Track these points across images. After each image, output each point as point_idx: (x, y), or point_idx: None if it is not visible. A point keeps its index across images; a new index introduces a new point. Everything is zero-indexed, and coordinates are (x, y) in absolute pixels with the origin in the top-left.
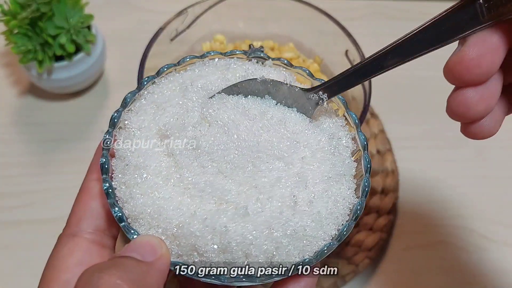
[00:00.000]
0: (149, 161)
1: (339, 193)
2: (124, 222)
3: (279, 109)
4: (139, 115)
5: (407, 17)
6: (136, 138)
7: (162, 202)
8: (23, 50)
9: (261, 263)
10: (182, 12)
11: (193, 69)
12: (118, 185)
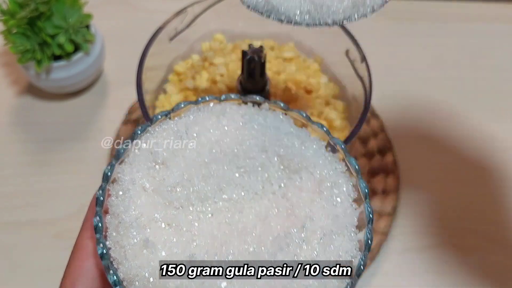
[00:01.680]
0: (144, 219)
1: (341, 247)
2: (119, 286)
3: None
4: (133, 167)
5: (408, 17)
6: (130, 193)
7: (158, 264)
8: (22, 50)
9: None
10: (182, 11)
11: (187, 115)
12: (112, 244)
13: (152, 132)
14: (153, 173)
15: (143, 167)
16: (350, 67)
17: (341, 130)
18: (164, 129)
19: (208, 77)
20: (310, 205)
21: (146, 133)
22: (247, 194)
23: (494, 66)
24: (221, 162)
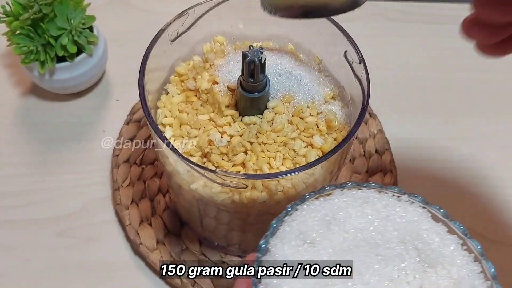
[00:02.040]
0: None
1: None
2: None
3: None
4: (284, 243)
5: (406, 19)
6: (280, 268)
7: None
8: (25, 51)
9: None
10: (183, 13)
11: (332, 198)
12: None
13: (301, 211)
14: (302, 252)
15: (293, 244)
16: (348, 68)
17: (339, 130)
18: (312, 210)
19: (209, 78)
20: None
21: (296, 211)
22: (383, 280)
23: (492, 67)
24: (362, 249)
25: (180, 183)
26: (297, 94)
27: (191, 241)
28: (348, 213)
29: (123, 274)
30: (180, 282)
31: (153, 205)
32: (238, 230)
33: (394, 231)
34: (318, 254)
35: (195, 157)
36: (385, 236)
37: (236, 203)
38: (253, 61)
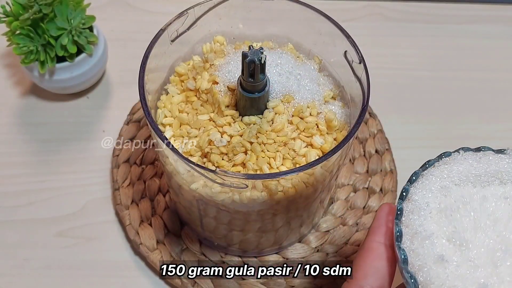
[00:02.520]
0: (435, 235)
1: None
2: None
3: None
4: (426, 190)
5: (406, 18)
6: (424, 211)
7: (455, 281)
8: (25, 51)
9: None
10: (183, 13)
11: (487, 157)
12: (407, 251)
13: (449, 163)
14: (441, 198)
15: (434, 192)
16: (348, 68)
17: (339, 130)
18: (461, 162)
19: (209, 78)
20: None
21: (443, 163)
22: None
23: (493, 67)
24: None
25: (180, 183)
26: (297, 94)
27: (191, 241)
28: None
29: (123, 274)
30: (180, 282)
31: (153, 205)
32: (238, 230)
33: None
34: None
35: (195, 157)
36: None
37: (236, 203)
38: (253, 61)
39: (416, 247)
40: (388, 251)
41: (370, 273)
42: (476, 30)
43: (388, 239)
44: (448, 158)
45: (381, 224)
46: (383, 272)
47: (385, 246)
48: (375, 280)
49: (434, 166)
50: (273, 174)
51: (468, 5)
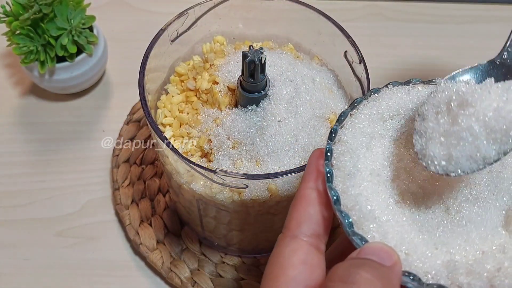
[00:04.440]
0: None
1: None
2: (351, 229)
3: None
4: (352, 130)
5: (405, 18)
6: (356, 152)
7: (386, 222)
8: (25, 51)
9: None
10: (183, 13)
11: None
12: (340, 193)
13: (378, 99)
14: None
15: (364, 132)
16: (348, 68)
17: None
18: (390, 96)
19: (209, 78)
20: None
21: (372, 99)
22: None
23: None
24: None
25: (180, 183)
26: (297, 94)
27: (191, 241)
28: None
29: (123, 274)
30: (180, 282)
31: (153, 205)
32: (238, 230)
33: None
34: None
35: (195, 157)
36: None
37: (236, 203)
38: (253, 61)
39: (347, 188)
40: (322, 196)
41: (303, 221)
42: (476, 30)
43: (321, 184)
44: (377, 94)
45: (313, 169)
46: (317, 218)
47: (317, 192)
48: (309, 227)
49: (362, 104)
50: (273, 174)
51: (468, 5)
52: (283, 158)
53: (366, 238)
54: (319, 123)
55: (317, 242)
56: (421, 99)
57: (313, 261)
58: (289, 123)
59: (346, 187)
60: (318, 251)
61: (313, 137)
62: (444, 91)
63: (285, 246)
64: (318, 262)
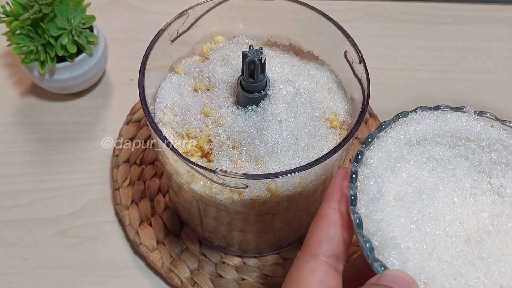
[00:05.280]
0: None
1: None
2: (371, 253)
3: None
4: (381, 155)
5: (406, 19)
6: (381, 176)
7: (407, 250)
8: (25, 51)
9: None
10: (183, 13)
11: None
12: (363, 217)
13: (406, 123)
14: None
15: (391, 157)
16: (348, 68)
17: (339, 130)
18: (418, 122)
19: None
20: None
21: (400, 123)
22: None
23: (492, 67)
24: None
25: (180, 184)
26: (298, 94)
27: (191, 241)
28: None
29: (123, 274)
30: (180, 282)
31: (153, 205)
32: (238, 231)
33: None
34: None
35: (195, 157)
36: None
37: (236, 203)
38: (253, 61)
39: (371, 212)
40: (344, 217)
41: (324, 240)
42: (476, 30)
43: (343, 205)
44: (405, 118)
45: (336, 189)
46: (338, 239)
47: (339, 213)
48: (329, 247)
49: (390, 127)
50: (273, 174)
51: (468, 5)
52: (283, 158)
53: (386, 265)
54: (320, 123)
55: (335, 263)
56: (448, 126)
57: (330, 282)
58: (289, 123)
59: (369, 211)
60: (336, 272)
61: (313, 138)
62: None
63: (304, 264)
64: (336, 283)
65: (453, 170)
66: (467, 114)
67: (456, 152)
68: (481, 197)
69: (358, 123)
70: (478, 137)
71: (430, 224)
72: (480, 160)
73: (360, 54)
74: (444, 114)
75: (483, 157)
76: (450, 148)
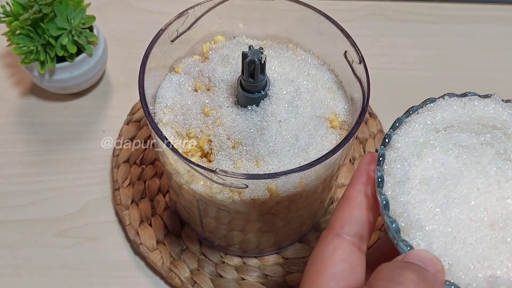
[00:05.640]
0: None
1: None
2: (397, 234)
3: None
4: (407, 137)
5: (406, 19)
6: (408, 160)
7: (432, 232)
8: (25, 51)
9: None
10: (183, 13)
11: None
12: (389, 199)
13: (433, 109)
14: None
15: (417, 141)
16: (348, 68)
17: (339, 130)
18: (446, 108)
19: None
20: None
21: (427, 109)
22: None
23: (492, 67)
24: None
25: (180, 183)
26: (298, 94)
27: (191, 241)
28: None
29: (123, 274)
30: (180, 282)
31: (153, 205)
32: (238, 230)
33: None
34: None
35: (195, 157)
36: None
37: (236, 203)
38: (253, 61)
39: (397, 195)
40: (369, 199)
41: (348, 222)
42: (476, 30)
43: (369, 188)
44: (433, 104)
45: (362, 173)
46: (362, 220)
47: (365, 195)
48: (353, 228)
49: (418, 113)
50: (273, 174)
51: (468, 5)
52: (283, 158)
53: (412, 245)
54: (320, 123)
55: (359, 242)
56: (475, 114)
57: (354, 260)
58: (289, 123)
59: (395, 194)
60: (360, 251)
61: (313, 137)
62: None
63: (328, 243)
64: (359, 261)
65: (478, 157)
66: (495, 101)
67: (482, 140)
68: (505, 184)
69: (358, 123)
70: (505, 125)
71: (454, 209)
72: (505, 148)
73: (360, 54)
74: (471, 101)
75: (508, 145)
76: (476, 136)
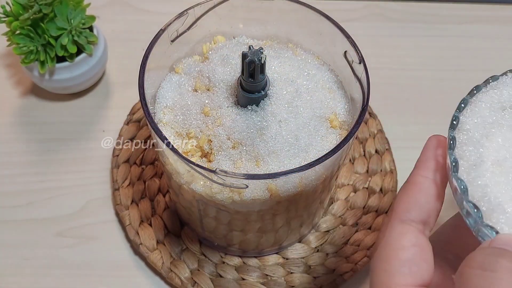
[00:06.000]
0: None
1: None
2: (482, 219)
3: None
4: (473, 118)
5: (405, 19)
6: (479, 141)
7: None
8: (25, 51)
9: None
10: (183, 13)
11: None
12: (467, 184)
13: (498, 87)
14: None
15: (485, 121)
16: (348, 68)
17: (339, 130)
18: (511, 85)
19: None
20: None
21: (491, 87)
22: None
23: (492, 67)
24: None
25: (180, 184)
26: (298, 94)
27: (191, 241)
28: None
29: (123, 274)
30: (180, 282)
31: (153, 205)
32: (238, 230)
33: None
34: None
35: (195, 157)
36: None
37: (236, 203)
38: (253, 61)
39: (473, 178)
40: (437, 186)
41: (413, 207)
42: (476, 30)
43: (438, 174)
44: (496, 82)
45: (428, 157)
46: (427, 207)
47: (432, 181)
48: (418, 214)
49: (482, 92)
50: (273, 174)
51: (468, 5)
52: (283, 158)
53: (497, 230)
54: (320, 123)
55: (423, 228)
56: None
57: (422, 245)
58: (289, 123)
59: (471, 178)
60: (424, 236)
61: (313, 137)
62: None
63: (393, 229)
64: (427, 245)
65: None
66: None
67: None
68: None
69: (358, 123)
70: None
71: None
72: None
73: (360, 54)
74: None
75: None
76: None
